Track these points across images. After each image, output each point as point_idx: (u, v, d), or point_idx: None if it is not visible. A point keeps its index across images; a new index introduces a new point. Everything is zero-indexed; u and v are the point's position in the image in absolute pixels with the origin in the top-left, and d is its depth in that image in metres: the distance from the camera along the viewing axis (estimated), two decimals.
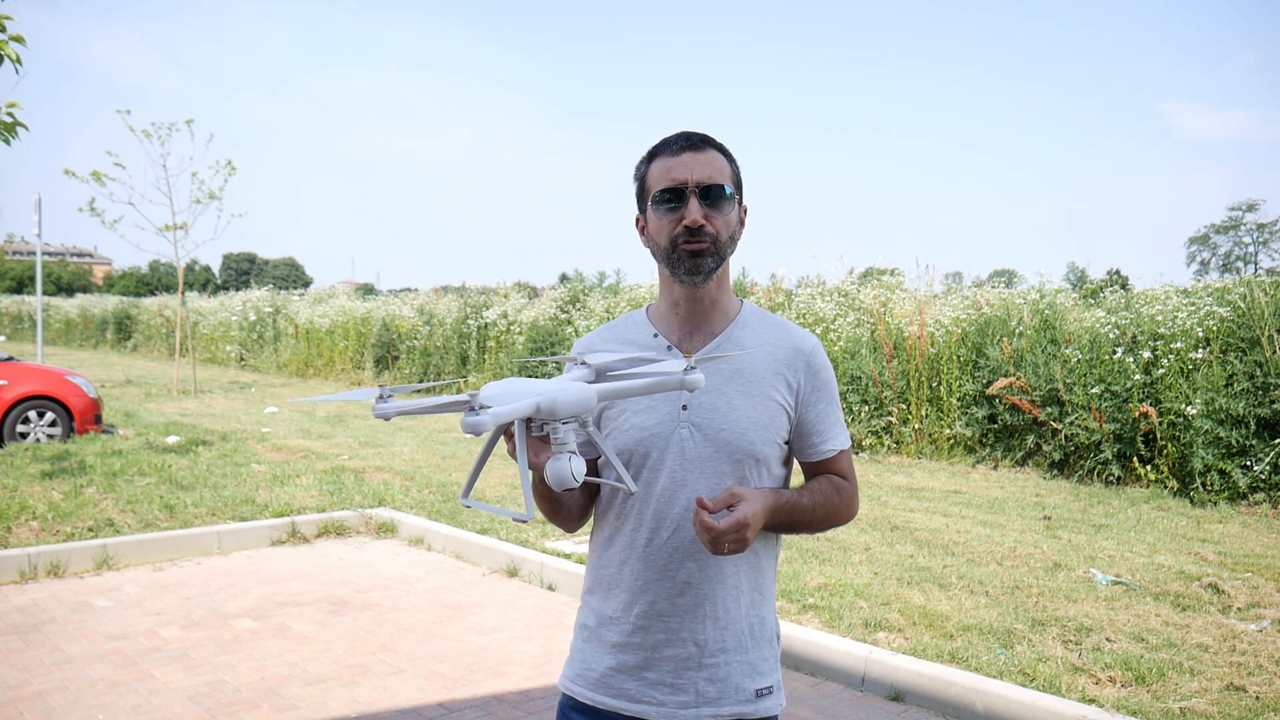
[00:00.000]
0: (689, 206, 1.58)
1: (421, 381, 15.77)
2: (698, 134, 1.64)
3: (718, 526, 1.44)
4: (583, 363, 1.43)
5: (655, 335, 1.67)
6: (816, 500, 1.64)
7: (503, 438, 1.40)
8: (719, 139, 1.66)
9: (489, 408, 1.24)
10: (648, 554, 1.60)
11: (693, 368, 1.37)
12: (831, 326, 10.68)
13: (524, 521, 1.36)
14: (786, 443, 1.66)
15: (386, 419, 1.24)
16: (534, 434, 1.35)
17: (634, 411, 1.62)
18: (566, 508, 1.63)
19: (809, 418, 1.66)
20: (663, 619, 1.59)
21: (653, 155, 1.65)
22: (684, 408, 1.60)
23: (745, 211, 1.69)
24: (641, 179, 1.67)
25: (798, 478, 1.73)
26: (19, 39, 6.57)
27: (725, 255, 1.62)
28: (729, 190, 1.60)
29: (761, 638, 1.65)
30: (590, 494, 1.68)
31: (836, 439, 1.68)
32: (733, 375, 1.62)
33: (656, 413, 1.61)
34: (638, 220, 1.70)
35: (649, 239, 1.66)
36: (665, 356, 1.60)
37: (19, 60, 6.55)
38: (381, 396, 1.22)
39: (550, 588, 5.42)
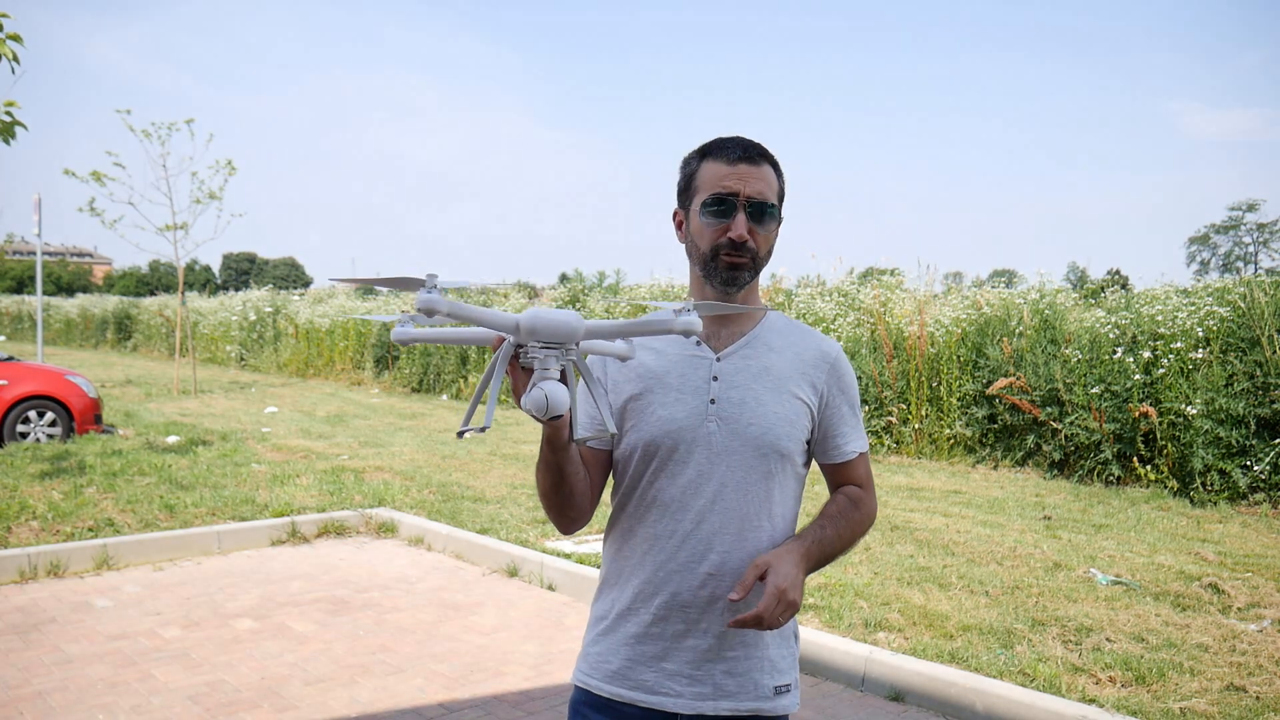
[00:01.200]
0: (736, 220, 1.59)
1: (421, 382, 15.84)
2: (756, 146, 1.64)
3: (759, 612, 1.45)
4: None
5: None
6: (839, 527, 1.64)
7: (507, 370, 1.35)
8: (773, 152, 1.66)
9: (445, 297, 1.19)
10: (669, 546, 1.60)
11: (688, 310, 1.33)
12: (831, 326, 10.68)
13: (482, 430, 1.31)
14: (808, 442, 1.68)
15: (405, 344, 1.22)
16: (522, 362, 1.31)
17: (661, 404, 1.62)
18: (569, 485, 1.56)
19: (831, 420, 1.68)
20: (684, 610, 1.59)
21: (705, 154, 1.65)
22: (711, 401, 1.61)
23: (781, 222, 1.71)
24: (690, 175, 1.66)
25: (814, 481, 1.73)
26: (16, 37, 6.56)
27: (760, 269, 1.65)
28: (776, 209, 1.63)
29: (781, 636, 1.66)
30: (594, 492, 1.67)
31: (856, 442, 1.70)
32: (760, 373, 1.63)
33: (684, 406, 1.61)
34: (675, 214, 1.70)
35: (687, 238, 1.67)
36: (693, 350, 1.64)
37: (16, 59, 6.53)
38: (428, 286, 1.17)
39: (550, 588, 5.42)
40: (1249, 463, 7.24)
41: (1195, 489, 7.34)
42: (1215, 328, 7.90)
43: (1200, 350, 7.83)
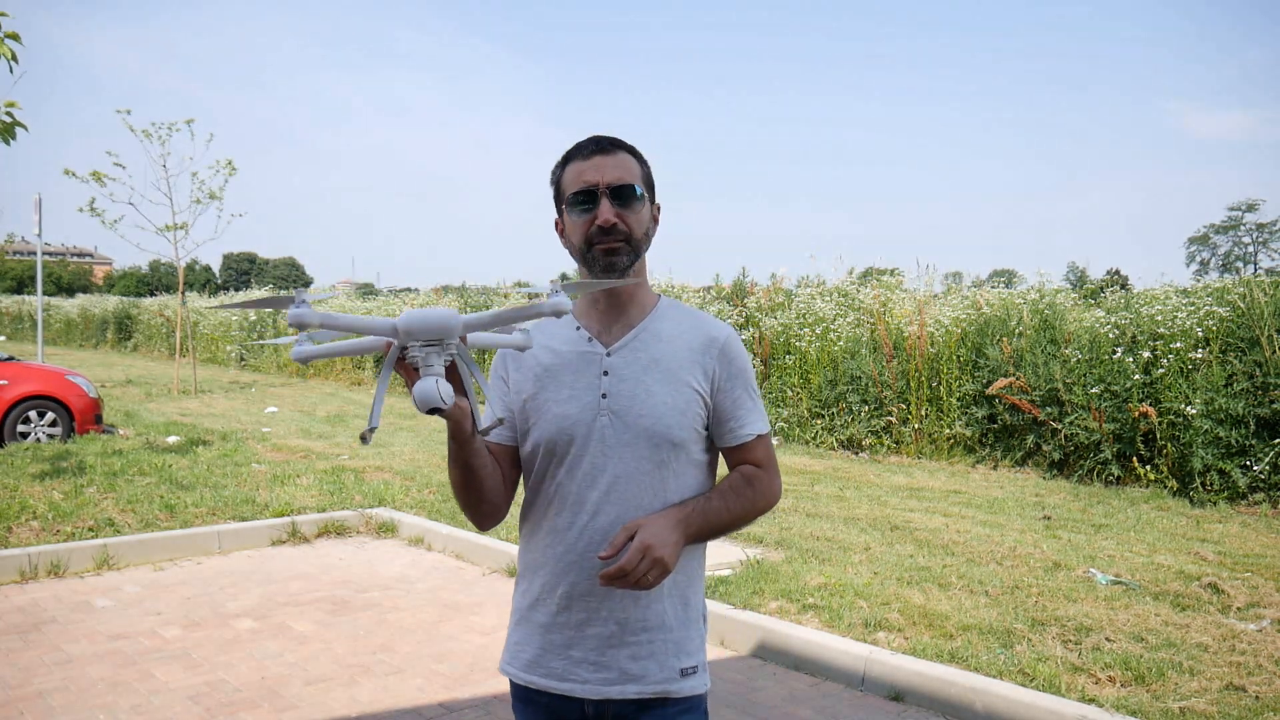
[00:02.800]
0: (601, 207, 1.64)
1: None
2: (607, 138, 1.71)
3: (622, 564, 1.51)
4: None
5: (578, 329, 1.74)
6: (727, 499, 1.69)
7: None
8: (628, 141, 1.73)
9: (314, 311, 1.22)
10: (568, 538, 1.67)
11: (558, 291, 1.37)
12: (831, 326, 10.68)
13: (371, 430, 1.34)
14: (706, 429, 1.72)
15: (304, 362, 1.25)
16: (408, 361, 1.34)
17: (555, 401, 1.68)
18: (479, 481, 1.63)
19: (725, 404, 1.71)
20: (584, 599, 1.65)
21: (566, 160, 1.71)
22: (603, 396, 1.66)
23: (659, 209, 1.76)
24: (557, 183, 1.74)
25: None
26: (14, 36, 6.55)
27: (640, 251, 1.70)
28: (639, 190, 1.67)
29: (687, 618, 1.70)
30: (508, 487, 1.74)
31: (753, 424, 1.73)
32: (650, 364, 1.68)
33: (577, 402, 1.67)
34: (556, 223, 1.76)
35: (566, 240, 1.73)
36: (585, 347, 1.69)
37: (15, 58, 6.53)
38: (296, 301, 1.20)
39: None
40: (1249, 462, 7.24)
41: (1195, 489, 7.35)
42: (1215, 328, 7.90)
43: (1200, 350, 7.83)
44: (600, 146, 1.68)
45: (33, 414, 9.12)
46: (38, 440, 8.99)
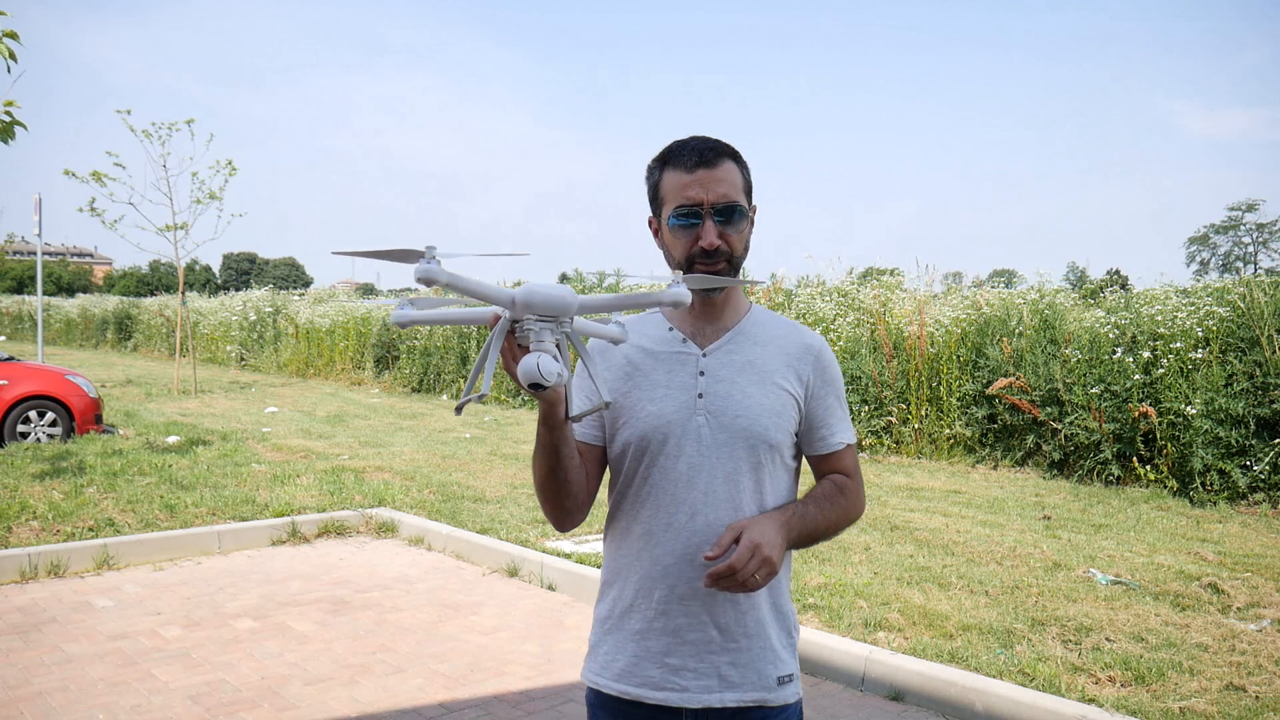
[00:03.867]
0: (705, 228, 1.59)
1: (421, 382, 15.83)
2: (710, 145, 1.63)
3: (731, 562, 1.46)
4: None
5: (671, 330, 1.70)
6: (823, 507, 1.65)
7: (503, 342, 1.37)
8: (729, 144, 1.66)
9: (442, 268, 1.22)
10: (667, 539, 1.62)
11: (677, 283, 1.36)
12: (831, 326, 10.68)
13: (480, 398, 1.33)
14: (797, 435, 1.69)
15: (404, 326, 1.24)
16: (518, 336, 1.34)
17: (650, 399, 1.64)
18: (565, 474, 1.57)
19: (817, 411, 1.69)
20: (684, 602, 1.60)
21: (665, 161, 1.65)
22: (700, 395, 1.63)
23: (755, 211, 1.70)
24: (655, 185, 1.67)
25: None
26: (12, 35, 6.54)
27: (739, 267, 1.67)
28: (743, 207, 1.62)
29: (782, 626, 1.67)
30: (588, 486, 1.69)
31: (843, 433, 1.71)
32: (745, 366, 1.65)
33: (673, 400, 1.63)
34: (650, 221, 1.71)
35: (663, 245, 1.68)
36: (679, 347, 1.66)
37: (13, 56, 6.52)
38: (426, 257, 1.20)
39: (550, 588, 5.42)
40: (1248, 462, 7.24)
41: (1195, 489, 7.35)
42: (1215, 328, 7.90)
43: (1200, 350, 7.83)
44: (704, 158, 1.60)
45: (33, 414, 9.12)
46: (38, 440, 8.99)
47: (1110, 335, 8.46)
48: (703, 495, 1.60)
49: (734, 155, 1.65)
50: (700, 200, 1.59)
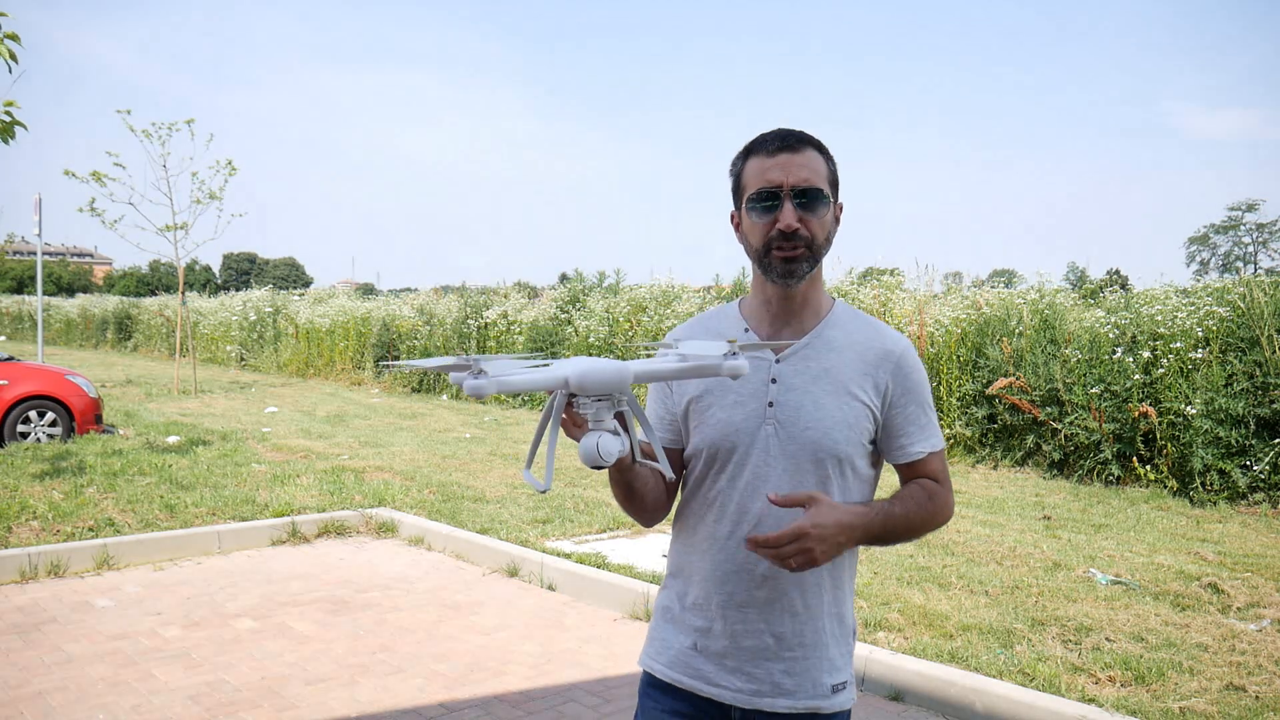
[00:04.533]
0: (784, 210, 1.57)
1: (421, 382, 15.83)
2: (795, 133, 1.62)
3: (770, 537, 1.46)
4: (677, 353, 1.44)
5: (746, 330, 1.69)
6: (909, 508, 1.63)
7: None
8: (817, 136, 1.65)
9: (489, 375, 1.25)
10: (729, 546, 1.62)
11: (734, 354, 1.36)
12: None
13: (542, 492, 1.36)
14: (873, 443, 1.66)
15: (479, 396, 1.26)
16: (576, 410, 1.35)
17: (720, 406, 1.63)
18: (640, 497, 1.61)
19: (896, 420, 1.65)
20: (741, 610, 1.61)
21: (748, 152, 1.64)
22: (770, 404, 1.61)
23: (841, 209, 1.68)
24: (737, 176, 1.66)
25: (889, 477, 1.73)
26: (13, 36, 6.55)
27: (820, 257, 1.62)
28: (825, 193, 1.59)
29: (840, 634, 1.66)
30: (670, 487, 1.69)
31: (925, 441, 1.66)
32: (819, 375, 1.62)
33: (743, 409, 1.62)
34: (733, 216, 1.69)
35: (743, 238, 1.66)
36: (753, 352, 1.62)
37: (14, 58, 6.53)
38: (472, 371, 1.23)
39: (550, 588, 5.42)
40: (1248, 462, 7.24)
41: (1195, 489, 7.35)
42: (1215, 328, 7.90)
43: (1200, 350, 7.83)
44: (786, 143, 1.59)
45: (33, 414, 9.12)
46: (38, 440, 8.99)
47: (1110, 335, 8.46)
48: (767, 505, 1.59)
49: (819, 146, 1.63)
50: (780, 182, 1.57)
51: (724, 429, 1.62)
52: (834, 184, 1.64)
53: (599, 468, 1.33)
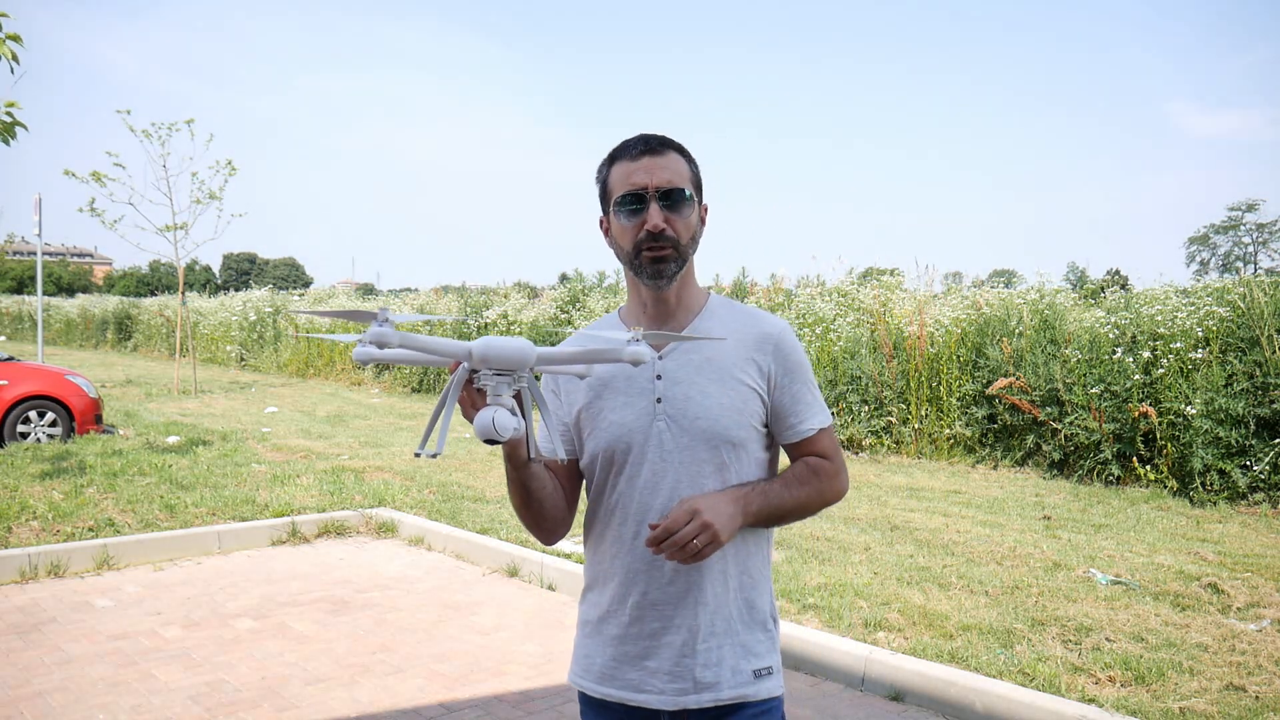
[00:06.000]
0: (650, 211, 1.61)
1: (421, 382, 15.83)
2: (656, 137, 1.66)
3: (666, 524, 1.49)
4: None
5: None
6: (791, 485, 1.66)
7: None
8: (677, 140, 1.69)
9: (393, 325, 1.24)
10: (635, 548, 1.64)
11: (638, 339, 1.37)
12: (831, 326, 10.68)
13: (433, 456, 1.35)
14: (765, 426, 1.69)
15: (366, 364, 1.26)
16: (476, 385, 1.36)
17: (610, 409, 1.66)
18: (538, 502, 1.63)
19: (783, 400, 1.68)
20: (656, 607, 1.63)
21: (613, 159, 1.67)
22: (658, 401, 1.64)
23: (706, 210, 1.72)
24: (603, 182, 1.69)
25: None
26: (15, 37, 6.56)
27: (687, 257, 1.66)
28: (689, 193, 1.63)
29: (754, 621, 1.67)
30: (569, 500, 1.71)
31: (813, 419, 1.70)
32: (703, 364, 1.65)
33: (633, 409, 1.64)
34: (602, 222, 1.73)
35: (613, 241, 1.70)
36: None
37: (16, 59, 6.54)
38: (379, 319, 1.22)
39: (550, 588, 5.42)
40: (1248, 463, 7.24)
41: (1195, 489, 7.34)
42: (1215, 328, 7.90)
43: (1200, 350, 7.83)
44: (649, 146, 1.64)
45: (33, 414, 9.12)
46: (38, 440, 8.99)
47: (1110, 335, 8.46)
48: (668, 501, 1.61)
49: (681, 149, 1.68)
50: (645, 185, 1.61)
51: (617, 430, 1.64)
52: (697, 185, 1.68)
53: (492, 442, 1.33)
